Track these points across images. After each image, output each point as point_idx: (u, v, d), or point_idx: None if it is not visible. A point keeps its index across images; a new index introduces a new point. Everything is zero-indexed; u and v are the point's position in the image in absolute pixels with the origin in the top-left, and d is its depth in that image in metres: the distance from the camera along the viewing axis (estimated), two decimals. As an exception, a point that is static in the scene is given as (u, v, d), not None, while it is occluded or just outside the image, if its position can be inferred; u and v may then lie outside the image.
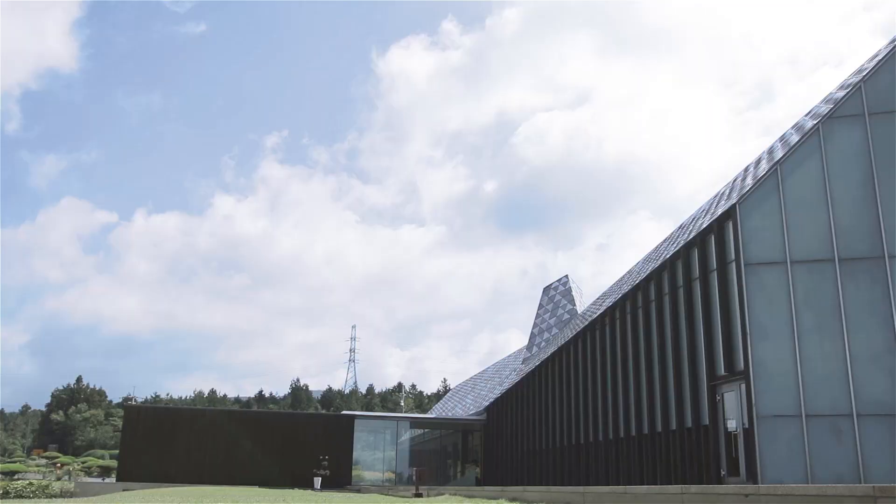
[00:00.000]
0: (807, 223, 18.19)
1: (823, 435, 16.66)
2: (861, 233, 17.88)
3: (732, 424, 18.31)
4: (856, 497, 7.82)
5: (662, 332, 22.46)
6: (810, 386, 16.97)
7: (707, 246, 20.10)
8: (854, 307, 17.33)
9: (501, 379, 52.95)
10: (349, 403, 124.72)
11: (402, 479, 43.07)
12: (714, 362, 19.17)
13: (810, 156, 18.66)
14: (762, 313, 17.65)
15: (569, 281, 53.73)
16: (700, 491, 10.68)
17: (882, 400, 16.62)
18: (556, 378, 33.84)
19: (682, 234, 25.23)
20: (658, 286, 23.11)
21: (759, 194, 18.53)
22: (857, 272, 17.59)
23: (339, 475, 39.42)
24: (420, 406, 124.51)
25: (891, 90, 18.79)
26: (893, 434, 16.41)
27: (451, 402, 70.37)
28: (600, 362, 27.92)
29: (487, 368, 71.03)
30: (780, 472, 16.46)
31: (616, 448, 25.55)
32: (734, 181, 24.86)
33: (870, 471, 16.14)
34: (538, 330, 53.15)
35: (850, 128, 18.70)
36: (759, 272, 17.93)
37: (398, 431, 46.20)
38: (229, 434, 41.52)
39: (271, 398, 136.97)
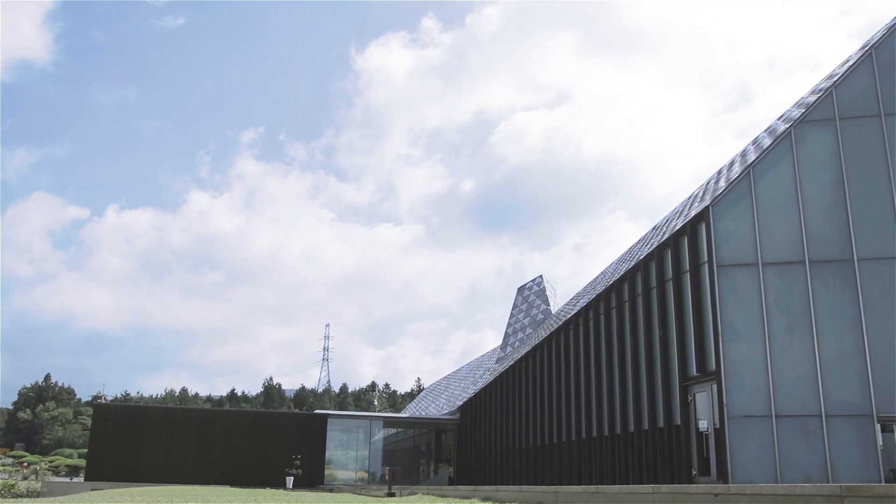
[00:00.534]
0: (778, 226, 18.39)
1: (793, 435, 16.86)
2: (831, 236, 18.11)
3: (704, 424, 18.46)
4: (823, 496, 7.91)
5: (635, 332, 22.60)
6: (780, 387, 17.16)
7: (680, 247, 20.25)
8: (824, 309, 17.55)
9: (475, 378, 53.02)
10: (322, 402, 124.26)
11: (375, 479, 42.97)
12: (686, 363, 19.32)
13: (782, 159, 18.86)
14: (734, 314, 17.82)
15: (543, 281, 53.95)
16: (671, 490, 10.76)
17: (850, 401, 16.86)
18: (529, 378, 33.94)
19: (655, 235, 25.41)
20: (631, 287, 23.25)
21: (732, 197, 18.70)
22: (827, 275, 17.81)
23: (312, 474, 39.22)
24: (394, 405, 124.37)
25: (861, 95, 19.06)
26: (861, 434, 16.65)
27: (425, 402, 70.35)
28: (574, 362, 28.03)
29: (461, 368, 71.09)
30: (750, 472, 16.62)
31: (589, 448, 25.67)
32: (707, 183, 25.08)
33: (838, 470, 16.36)
34: (512, 330, 53.33)
35: (821, 132, 18.93)
36: (731, 274, 18.10)
37: (371, 431, 46.07)
38: (200, 433, 41.17)
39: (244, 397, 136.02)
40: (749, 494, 9.29)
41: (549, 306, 50.21)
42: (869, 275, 17.61)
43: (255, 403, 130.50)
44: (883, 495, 7.27)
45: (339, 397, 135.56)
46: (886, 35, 19.49)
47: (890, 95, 18.92)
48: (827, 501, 7.94)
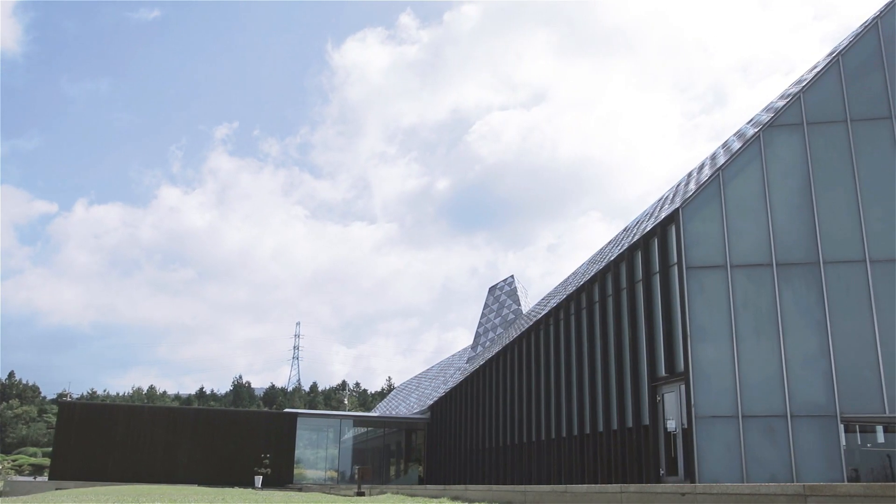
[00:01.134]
0: (746, 228, 18.60)
1: (759, 435, 17.07)
2: (798, 239, 18.36)
3: (672, 424, 18.63)
4: (787, 496, 8.02)
5: (605, 333, 22.74)
6: (747, 387, 17.37)
7: (650, 249, 20.41)
8: (790, 311, 17.79)
9: (446, 378, 53.06)
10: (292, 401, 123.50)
11: (345, 478, 42.86)
12: (655, 363, 19.48)
13: (751, 163, 19.09)
14: (702, 316, 18.00)
15: (514, 281, 54.13)
16: (638, 490, 10.84)
17: (815, 401, 17.11)
18: (499, 378, 34.03)
19: (626, 236, 25.58)
20: (602, 288, 23.39)
21: (702, 199, 18.89)
22: (794, 277, 18.06)
23: (281, 474, 39.04)
24: (364, 404, 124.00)
25: (829, 101, 19.34)
26: (825, 435, 16.90)
27: (396, 401, 70.28)
28: (544, 362, 28.15)
29: (432, 367, 71.11)
30: (716, 472, 16.81)
31: (558, 447, 25.80)
32: (678, 186, 25.31)
33: (802, 470, 16.60)
34: (483, 329, 53.44)
35: (789, 136, 19.19)
36: (699, 275, 18.28)
37: (341, 430, 45.94)
38: (168, 432, 40.79)
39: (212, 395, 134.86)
40: (715, 494, 9.39)
41: (520, 306, 50.39)
42: (834, 278, 17.88)
43: (224, 402, 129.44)
44: (844, 494, 7.39)
45: (309, 396, 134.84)
46: (853, 42, 19.80)
47: (856, 101, 19.21)
48: (790, 500, 8.05)
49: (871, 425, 19.81)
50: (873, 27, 19.75)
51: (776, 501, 8.27)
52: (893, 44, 19.55)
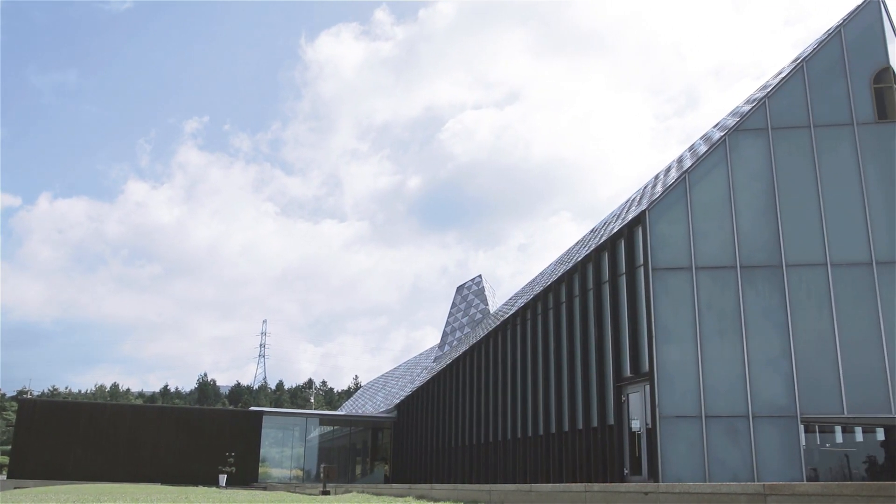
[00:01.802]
0: (711, 231, 18.83)
1: (721, 435, 17.29)
2: (761, 242, 18.63)
3: (636, 424, 18.80)
4: (747, 495, 8.14)
5: (572, 333, 22.88)
6: (710, 388, 17.58)
7: (617, 250, 20.57)
8: (753, 313, 18.05)
9: (413, 377, 53.04)
10: (258, 399, 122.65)
11: (311, 477, 42.67)
12: (620, 364, 19.65)
13: (716, 166, 19.33)
14: (667, 317, 18.19)
15: (482, 280, 54.26)
16: (602, 489, 10.94)
17: (776, 402, 17.37)
18: (466, 377, 34.09)
19: (593, 237, 25.77)
20: (569, 288, 23.53)
21: (668, 202, 19.09)
22: (757, 279, 18.32)
23: (246, 472, 38.75)
24: (330, 403, 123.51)
25: (793, 107, 19.65)
26: (786, 435, 17.17)
27: (362, 400, 70.10)
28: (510, 362, 28.25)
29: (399, 366, 71.03)
30: (679, 471, 17.00)
31: (524, 446, 25.91)
32: (644, 188, 25.55)
33: (763, 469, 16.85)
34: (450, 329, 53.52)
35: (754, 141, 19.46)
36: (665, 277, 18.47)
37: (307, 428, 45.72)
38: (131, 430, 40.30)
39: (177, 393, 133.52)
40: (677, 493, 9.50)
41: (487, 306, 50.53)
42: (796, 280, 18.17)
43: (189, 400, 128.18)
44: (803, 493, 7.52)
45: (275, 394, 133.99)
46: (817, 49, 20.13)
47: (820, 107, 19.54)
48: (751, 500, 8.17)
49: (829, 426, 20.20)
50: (836, 35, 20.10)
51: (737, 501, 8.39)
52: (856, 52, 19.90)
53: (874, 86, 19.56)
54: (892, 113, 19.29)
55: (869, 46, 19.99)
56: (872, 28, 20.15)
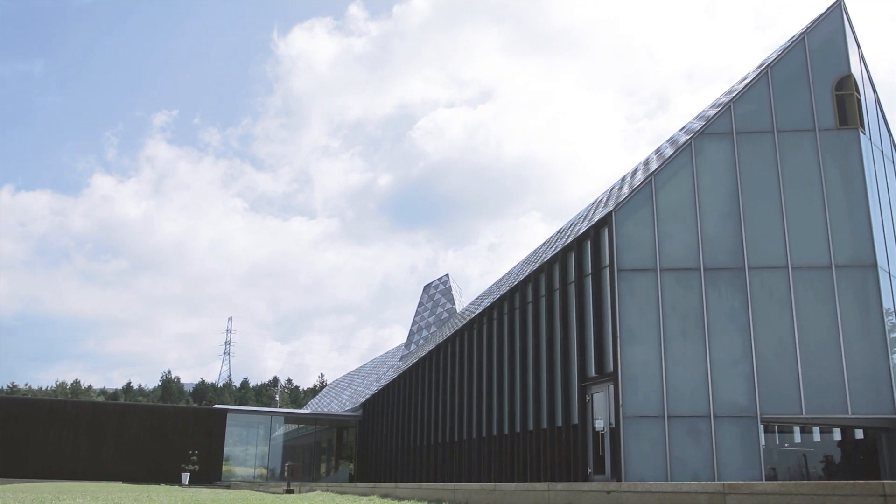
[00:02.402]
0: (676, 233, 19.05)
1: (683, 435, 17.51)
2: (725, 244, 18.89)
3: (600, 424, 18.96)
4: (707, 494, 8.26)
5: (538, 333, 23.01)
6: (673, 388, 17.80)
7: (583, 251, 20.73)
8: (716, 314, 18.30)
9: (379, 375, 52.97)
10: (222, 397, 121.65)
11: (275, 475, 42.43)
12: (585, 364, 19.80)
13: (682, 169, 19.56)
14: (632, 318, 18.37)
15: (449, 280, 54.35)
16: (565, 488, 11.02)
17: (737, 402, 17.63)
18: (432, 376, 34.13)
19: (560, 238, 25.93)
20: (535, 288, 23.66)
21: (634, 204, 19.28)
22: (720, 281, 18.57)
23: (209, 471, 38.41)
24: (296, 401, 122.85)
25: (757, 112, 19.94)
26: (746, 435, 17.43)
27: (328, 398, 69.85)
28: (476, 361, 28.34)
29: (365, 364, 70.89)
30: (642, 470, 17.18)
31: (489, 446, 26.00)
32: (611, 189, 25.76)
33: (723, 469, 17.09)
34: (417, 328, 53.54)
35: (719, 144, 19.72)
36: (630, 278, 18.65)
37: (272, 426, 45.45)
38: (92, 427, 39.74)
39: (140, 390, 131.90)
40: (639, 492, 9.61)
41: (454, 305, 50.62)
42: (758, 283, 18.45)
43: (153, 397, 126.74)
44: (761, 492, 7.65)
45: (239, 392, 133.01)
46: (781, 55, 20.44)
47: (783, 113, 19.86)
48: (710, 499, 8.29)
49: (788, 426, 20.56)
50: (800, 42, 20.44)
51: (696, 500, 8.51)
52: (819, 59, 20.25)
53: (836, 93, 19.92)
54: (853, 120, 19.66)
55: (831, 54, 20.35)
56: (835, 36, 20.52)
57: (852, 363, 17.78)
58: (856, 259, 18.55)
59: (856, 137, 19.51)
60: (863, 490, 6.54)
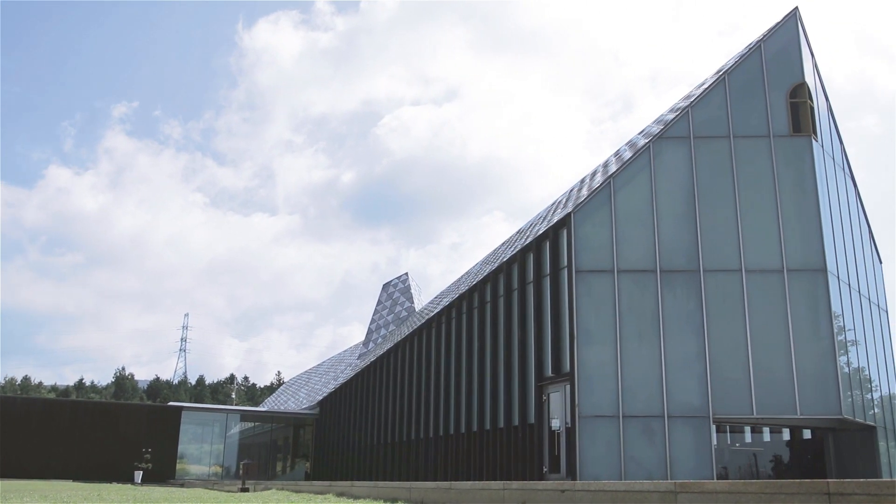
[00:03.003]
0: (634, 235, 19.28)
1: (638, 435, 17.73)
2: (681, 247, 19.16)
3: (556, 423, 19.12)
4: (659, 493, 8.40)
5: (495, 333, 23.11)
6: (628, 388, 18.01)
7: (542, 252, 20.87)
8: (671, 316, 18.56)
9: (336, 374, 52.77)
10: (177, 394, 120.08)
11: (230, 474, 42.04)
12: (542, 364, 19.94)
13: (640, 172, 19.80)
14: (589, 319, 18.55)
15: (408, 278, 54.32)
16: (520, 487, 11.12)
17: (690, 403, 17.90)
18: (390, 375, 34.09)
19: (519, 238, 26.07)
20: (493, 288, 23.77)
21: (593, 205, 19.46)
22: (676, 283, 18.84)
23: (163, 469, 37.91)
24: (253, 399, 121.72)
25: (714, 117, 20.27)
26: (698, 434, 17.71)
27: (285, 396, 69.36)
28: (434, 360, 28.37)
29: (323, 362, 70.57)
30: (597, 469, 17.36)
31: (445, 444, 26.06)
32: (571, 191, 25.97)
33: (676, 468, 17.34)
34: (375, 326, 53.42)
35: (676, 148, 20.00)
36: (588, 279, 18.83)
37: (227, 424, 45.02)
38: (42, 425, 38.95)
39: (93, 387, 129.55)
40: (593, 491, 9.73)
41: (413, 304, 50.61)
42: (713, 285, 18.75)
43: (106, 394, 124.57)
44: (711, 491, 7.80)
45: (195, 390, 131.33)
46: (738, 62, 20.80)
47: (739, 119, 20.21)
48: (662, 497, 8.43)
49: (740, 426, 20.96)
50: (757, 50, 20.81)
51: (649, 499, 8.64)
52: (774, 67, 20.65)
53: (790, 100, 20.33)
54: (806, 127, 20.09)
55: (786, 62, 20.77)
56: (790, 45, 20.95)
57: (801, 365, 18.17)
58: (806, 263, 18.95)
59: (808, 144, 19.93)
60: (808, 489, 6.71)
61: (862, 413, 19.91)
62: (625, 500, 8.97)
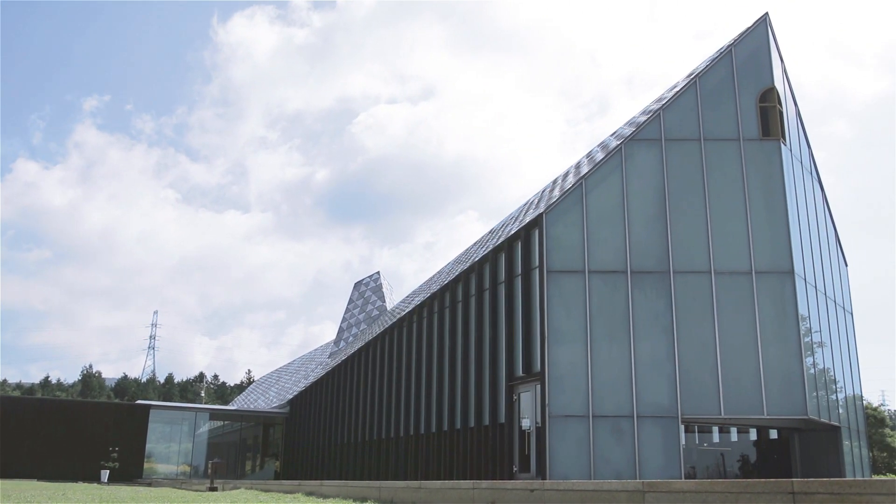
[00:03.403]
0: (605, 236, 19.40)
1: (607, 434, 17.85)
2: (651, 248, 19.32)
3: (527, 423, 19.18)
4: (627, 492, 8.47)
5: (467, 332, 23.14)
6: (598, 388, 18.12)
7: (514, 252, 20.93)
8: (641, 317, 18.70)
9: (307, 372, 52.52)
10: (146, 393, 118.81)
11: (199, 473, 41.66)
12: (513, 363, 19.99)
13: (612, 174, 19.93)
14: (560, 319, 18.63)
15: (380, 277, 54.23)
16: (490, 486, 11.15)
17: (659, 403, 18.06)
18: (360, 374, 34.01)
19: (491, 238, 26.12)
20: (465, 288, 23.79)
21: (564, 206, 19.55)
22: (646, 284, 18.98)
23: (130, 468, 37.47)
24: (222, 397, 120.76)
25: (685, 120, 20.45)
26: (667, 434, 17.87)
27: (255, 395, 68.89)
28: (405, 360, 28.34)
29: (294, 361, 70.20)
30: (567, 469, 17.45)
31: (416, 444, 26.04)
32: (543, 191, 26.07)
33: (645, 468, 17.48)
34: (347, 325, 53.25)
35: (648, 150, 20.16)
36: (559, 280, 18.91)
37: (196, 423, 44.58)
38: (6, 423, 38.30)
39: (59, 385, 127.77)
40: (562, 490, 9.78)
41: (384, 303, 50.52)
42: (682, 286, 18.92)
43: (72, 392, 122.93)
44: (678, 490, 7.87)
45: (164, 388, 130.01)
46: (709, 66, 21.01)
47: (710, 122, 20.41)
48: (630, 497, 8.49)
49: (708, 426, 21.17)
50: (728, 54, 21.03)
51: (617, 498, 8.70)
52: (744, 71, 20.88)
53: (760, 104, 20.57)
54: (775, 131, 20.33)
55: (756, 67, 21.02)
56: (760, 50, 21.19)
57: (768, 366, 18.39)
58: (774, 266, 19.19)
59: (777, 148, 20.18)
60: (773, 488, 6.80)
61: (827, 413, 20.21)
62: (593, 500, 9.02)
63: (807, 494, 6.46)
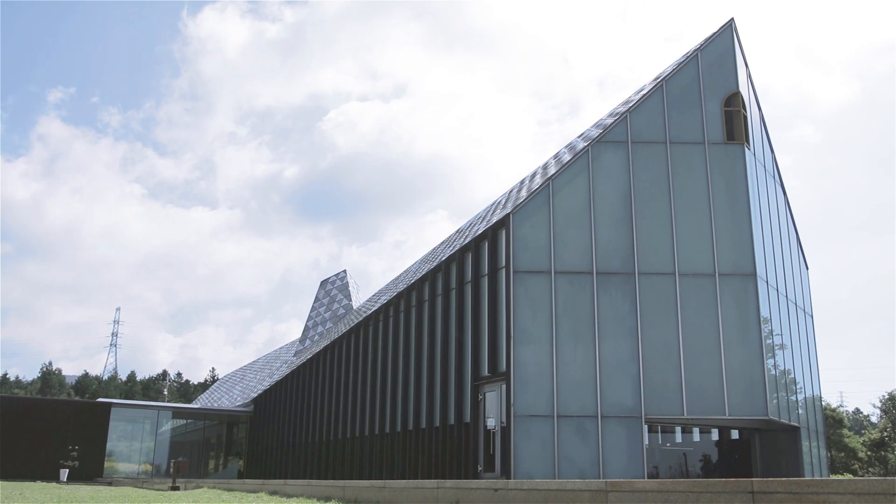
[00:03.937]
0: (571, 237, 19.52)
1: (571, 434, 17.96)
2: (617, 250, 19.47)
3: (492, 423, 19.23)
4: (591, 491, 8.53)
5: (433, 332, 23.14)
6: (563, 388, 18.22)
7: (480, 252, 20.97)
8: (606, 317, 18.84)
9: (272, 371, 52.17)
10: (107, 391, 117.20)
11: (161, 472, 41.19)
12: (479, 363, 20.04)
13: (579, 175, 20.05)
14: (526, 319, 18.71)
15: (346, 276, 54.04)
16: (454, 485, 11.16)
17: (623, 403, 18.21)
18: (325, 372, 33.86)
19: (459, 238, 26.15)
20: (432, 287, 23.79)
21: (532, 207, 19.64)
22: (611, 286, 19.13)
23: (90, 467, 36.95)
24: (185, 396, 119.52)
25: (651, 123, 20.64)
26: (630, 434, 18.03)
27: (219, 393, 68.27)
28: (371, 359, 28.27)
29: (259, 359, 69.71)
30: (531, 468, 17.53)
31: (381, 443, 25.99)
32: (510, 192, 26.15)
33: (609, 467, 17.63)
34: (312, 323, 52.99)
35: (614, 153, 20.31)
36: (525, 280, 18.99)
37: (159, 421, 44.07)
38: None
39: (17, 382, 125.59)
40: (525, 490, 9.83)
41: (350, 301, 50.37)
42: (647, 288, 19.10)
43: (31, 390, 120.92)
44: (641, 490, 7.95)
45: (126, 386, 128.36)
46: (676, 70, 21.23)
47: (675, 125, 20.63)
48: (593, 496, 8.56)
49: (671, 426, 21.39)
50: (694, 59, 21.27)
51: (580, 498, 8.76)
52: (710, 76, 21.14)
53: (724, 108, 20.84)
54: (739, 135, 20.61)
55: (722, 71, 21.29)
56: (725, 55, 21.46)
57: (731, 367, 18.64)
58: (737, 268, 19.45)
59: (741, 152, 20.45)
60: (734, 488, 6.89)
61: (787, 414, 20.54)
62: (557, 500, 9.08)
63: (766, 494, 6.56)
